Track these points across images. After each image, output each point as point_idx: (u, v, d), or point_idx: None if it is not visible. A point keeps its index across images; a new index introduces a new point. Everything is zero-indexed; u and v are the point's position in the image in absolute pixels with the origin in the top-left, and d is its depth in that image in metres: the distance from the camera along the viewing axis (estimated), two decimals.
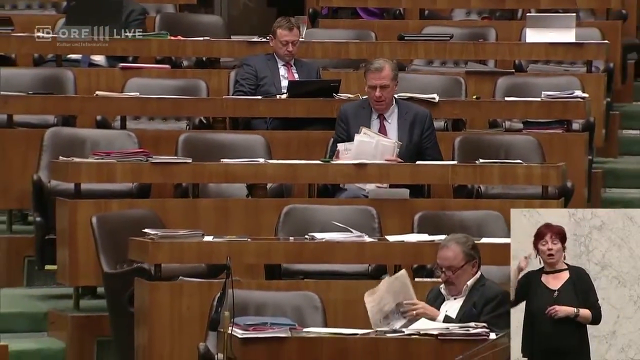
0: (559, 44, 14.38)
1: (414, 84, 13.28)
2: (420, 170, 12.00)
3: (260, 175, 12.12)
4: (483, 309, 9.34)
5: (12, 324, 11.47)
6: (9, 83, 13.33)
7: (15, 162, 12.54)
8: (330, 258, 10.62)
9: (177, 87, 13.67)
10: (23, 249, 12.37)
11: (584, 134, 13.12)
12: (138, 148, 12.37)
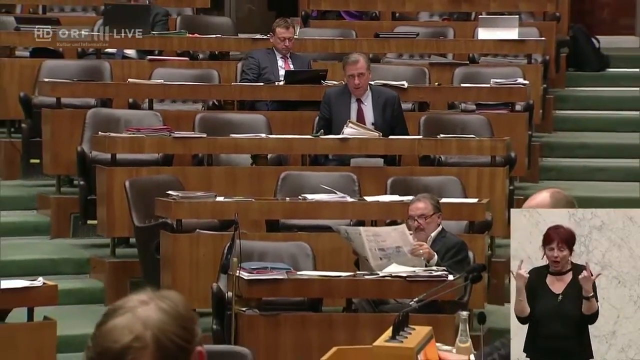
0: (504, 41, 14.39)
1: (387, 73, 13.29)
2: (392, 144, 12.02)
3: (262, 147, 12.15)
4: (444, 255, 9.39)
5: (61, 267, 11.49)
6: (57, 72, 13.32)
7: (62, 136, 12.52)
8: (319, 215, 10.68)
9: (194, 75, 13.66)
10: (70, 207, 12.36)
11: (525, 114, 13.14)
12: (162, 125, 12.37)
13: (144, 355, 2.45)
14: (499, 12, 15.05)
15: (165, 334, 2.48)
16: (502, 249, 11.65)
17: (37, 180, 13.10)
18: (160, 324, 2.49)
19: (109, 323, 2.48)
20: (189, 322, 2.55)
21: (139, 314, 2.50)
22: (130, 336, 2.45)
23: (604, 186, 13.11)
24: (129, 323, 2.48)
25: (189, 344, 2.53)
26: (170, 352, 2.48)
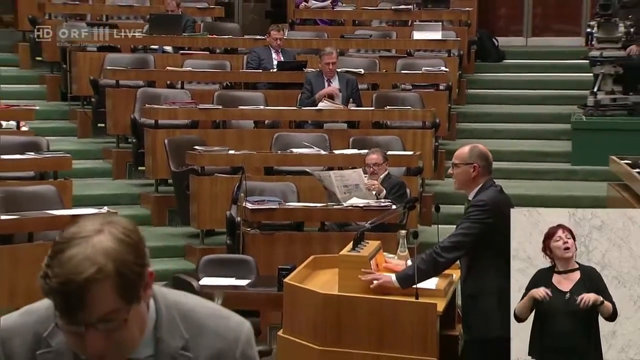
0: (432, 40, 14.37)
1: (349, 63, 13.25)
2: (352, 113, 12.01)
3: (261, 115, 12.12)
4: (390, 191, 9.39)
5: (120, 200, 11.43)
6: (116, 62, 13.25)
7: (120, 107, 12.45)
8: (301, 163, 10.60)
9: (213, 64, 13.57)
10: (126, 158, 12.31)
11: (445, 92, 13.10)
12: (191, 100, 12.33)
13: (106, 285, 2.05)
14: (428, 20, 14.98)
15: (125, 264, 2.09)
16: (430, 186, 11.68)
17: (103, 139, 13.03)
18: (120, 254, 2.09)
19: (67, 252, 2.07)
20: (141, 247, 2.16)
21: (97, 244, 2.08)
22: (93, 268, 2.04)
23: (502, 143, 13.09)
24: (90, 254, 2.06)
25: (144, 268, 2.15)
26: (130, 280, 2.10)
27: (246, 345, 2.30)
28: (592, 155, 12.02)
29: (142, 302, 2.16)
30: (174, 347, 2.22)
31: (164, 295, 2.27)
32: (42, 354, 2.20)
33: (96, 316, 2.05)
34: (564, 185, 12.30)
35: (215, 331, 2.26)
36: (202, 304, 2.34)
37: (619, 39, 12.88)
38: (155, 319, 2.23)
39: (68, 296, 2.04)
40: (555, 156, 13.04)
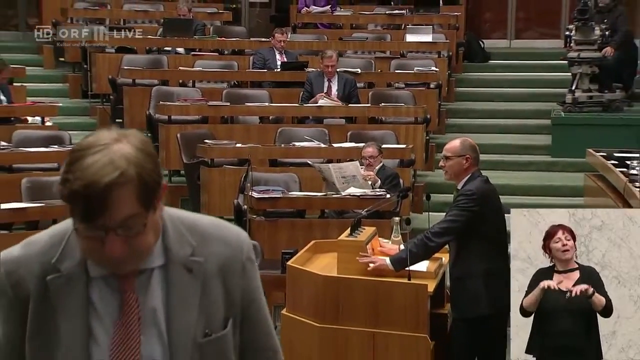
0: (423, 42, 14.34)
1: (347, 64, 13.19)
2: (350, 109, 11.95)
3: (266, 112, 12.04)
4: (384, 182, 9.37)
5: None
6: (132, 62, 13.23)
7: (136, 105, 12.43)
8: (303, 155, 10.58)
9: (222, 65, 13.55)
10: None
11: (436, 90, 13.07)
12: (201, 97, 12.31)
13: (128, 190, 1.99)
14: (420, 24, 14.96)
15: (145, 171, 2.03)
16: (421, 177, 11.65)
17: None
18: (140, 161, 2.02)
19: (88, 159, 1.98)
20: (155, 158, 2.10)
21: (118, 151, 2.00)
22: (116, 172, 1.96)
23: (488, 137, 13.06)
24: (112, 159, 1.98)
25: (159, 178, 2.09)
26: (150, 186, 2.04)
27: (249, 250, 2.28)
28: (570, 148, 12.01)
29: (157, 211, 2.11)
30: (183, 254, 2.17)
31: (166, 209, 2.22)
32: (53, 279, 2.12)
33: (117, 220, 1.99)
34: (544, 175, 12.30)
35: (220, 238, 2.23)
36: (201, 217, 2.31)
37: (595, 41, 12.91)
38: (163, 230, 2.17)
39: (90, 199, 1.96)
40: (536, 149, 13.02)
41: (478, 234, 5.85)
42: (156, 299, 2.15)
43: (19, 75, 12.64)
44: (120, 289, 2.12)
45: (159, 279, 2.16)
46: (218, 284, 2.20)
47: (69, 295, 2.11)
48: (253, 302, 2.29)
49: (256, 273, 2.31)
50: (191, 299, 2.15)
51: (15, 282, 2.14)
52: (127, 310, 2.11)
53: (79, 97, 14.04)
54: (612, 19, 13.46)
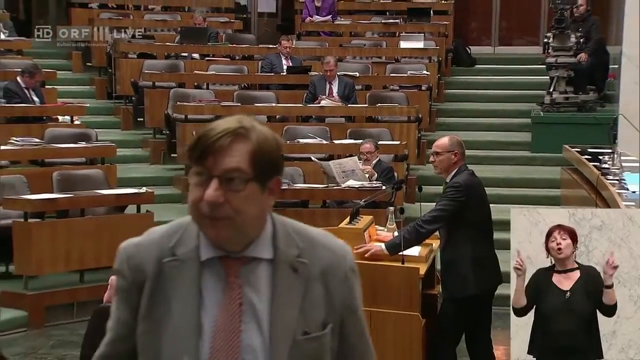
0: (415, 49, 14.34)
1: (347, 68, 13.18)
2: (349, 109, 11.98)
3: (273, 111, 12.04)
4: (380, 175, 9.36)
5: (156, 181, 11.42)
6: (153, 67, 13.22)
7: (156, 105, 12.41)
8: (306, 151, 10.60)
9: (233, 69, 13.55)
10: (161, 146, 12.26)
11: (427, 92, 13.06)
12: (214, 98, 12.32)
13: (243, 144, 1.96)
14: (412, 32, 14.93)
15: (266, 142, 1.99)
16: (413, 170, 11.62)
17: (142, 131, 13.00)
18: (266, 135, 2.00)
19: (218, 120, 2.03)
20: (280, 151, 2.06)
21: (248, 120, 2.02)
22: (239, 124, 1.97)
23: (474, 134, 13.07)
24: (238, 119, 2.00)
25: (276, 164, 2.03)
26: (263, 156, 1.98)
27: (353, 263, 2.15)
28: (548, 144, 12.00)
29: (265, 195, 2.02)
30: (290, 254, 2.06)
31: (277, 215, 2.12)
32: (169, 262, 2.05)
33: (223, 166, 1.94)
34: (525, 169, 12.32)
35: (326, 245, 2.12)
36: (310, 226, 2.19)
37: (570, 47, 12.94)
38: (273, 229, 2.08)
39: (206, 141, 1.95)
40: (517, 145, 13.02)
41: (465, 222, 5.86)
42: (259, 291, 2.05)
43: (51, 78, 12.64)
44: (226, 274, 2.05)
45: (264, 272, 2.06)
46: (320, 287, 2.08)
47: (182, 278, 2.04)
48: (352, 314, 2.15)
49: (358, 286, 2.17)
50: (294, 297, 2.05)
51: (134, 266, 2.10)
52: (230, 295, 2.03)
53: (104, 98, 14.01)
54: (586, 28, 13.49)
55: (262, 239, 2.06)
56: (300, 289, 2.06)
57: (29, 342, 8.07)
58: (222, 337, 2.02)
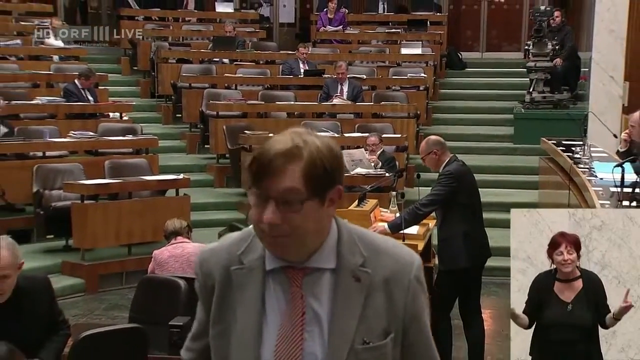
0: (414, 54, 14.27)
1: (355, 71, 13.13)
2: (358, 107, 11.95)
3: (293, 108, 12.03)
4: (383, 164, 9.34)
5: (191, 169, 11.44)
6: (189, 70, 13.22)
7: (192, 103, 12.42)
8: None
9: (258, 72, 13.51)
10: (196, 139, 12.27)
11: (424, 91, 13.03)
12: (242, 97, 12.29)
13: (296, 164, 1.73)
14: (412, 40, 14.86)
15: (318, 155, 1.74)
16: (412, 159, 11.53)
17: (180, 125, 12.98)
18: (319, 148, 1.76)
19: (280, 135, 1.81)
20: (340, 161, 1.81)
21: (304, 136, 1.79)
22: (292, 143, 1.74)
23: (464, 128, 13.10)
24: (294, 137, 1.77)
25: (333, 175, 1.77)
26: (317, 171, 1.74)
27: (419, 272, 1.89)
28: (528, 137, 11.93)
29: (324, 208, 1.79)
30: (353, 263, 1.83)
31: (345, 222, 1.90)
32: (236, 270, 1.88)
33: (276, 189, 1.73)
34: (508, 158, 12.26)
35: (391, 253, 1.87)
36: (378, 235, 1.98)
37: (547, 54, 12.95)
38: (337, 237, 1.85)
39: (261, 162, 1.74)
40: (501, 137, 12.96)
41: (457, 205, 5.84)
42: (321, 300, 1.84)
43: (103, 80, 12.65)
44: (289, 284, 1.85)
45: (327, 281, 1.84)
46: (382, 297, 1.84)
47: (248, 286, 1.87)
48: (415, 323, 1.90)
49: (423, 295, 1.90)
50: (354, 306, 1.82)
51: (206, 270, 1.94)
52: (293, 305, 1.84)
53: (148, 97, 14.01)
54: (561, 37, 13.48)
55: (325, 248, 1.84)
56: (361, 298, 1.83)
57: (86, 305, 8.11)
58: (285, 345, 1.84)
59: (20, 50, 13.05)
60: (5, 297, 4.00)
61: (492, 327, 7.15)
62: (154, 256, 6.03)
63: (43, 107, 11.01)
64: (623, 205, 5.25)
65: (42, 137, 9.92)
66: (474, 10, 17.65)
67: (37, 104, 11.04)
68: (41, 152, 9.66)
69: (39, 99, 11.18)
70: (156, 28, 15.24)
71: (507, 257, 7.91)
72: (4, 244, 3.98)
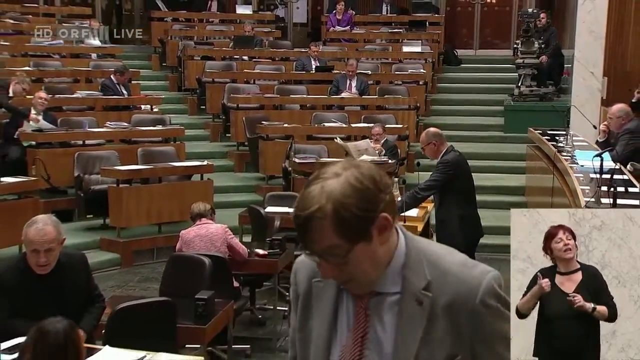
0: (415, 52, 14.16)
1: (362, 67, 12.97)
2: (363, 99, 11.86)
3: (305, 101, 11.93)
4: (386, 151, 9.28)
5: (214, 155, 11.34)
6: (212, 66, 13.11)
7: (215, 95, 12.34)
8: (330, 132, 10.49)
9: (273, 67, 13.43)
10: (219, 128, 12.20)
11: (423, 86, 12.94)
12: (259, 91, 12.22)
13: (324, 223, 1.57)
14: (412, 39, 14.76)
15: (344, 207, 1.56)
16: (413, 147, 11.47)
17: (204, 116, 12.93)
18: (342, 197, 1.57)
19: (307, 189, 1.62)
20: (374, 193, 1.60)
21: (327, 186, 1.59)
22: (314, 207, 1.57)
23: (460, 118, 13.01)
24: (316, 194, 1.59)
25: (370, 213, 1.58)
26: (348, 221, 1.57)
27: (487, 294, 1.65)
28: (517, 127, 11.85)
29: (374, 243, 1.62)
30: (417, 286, 1.66)
31: (416, 240, 1.72)
32: (316, 282, 1.77)
33: (318, 248, 1.60)
34: (498, 146, 12.17)
35: (457, 276, 1.66)
36: (450, 253, 1.74)
37: (534, 52, 12.84)
38: (404, 259, 1.68)
39: (297, 227, 1.61)
40: (493, 127, 12.86)
41: (453, 190, 5.83)
42: (384, 322, 1.69)
43: (135, 76, 12.61)
44: (356, 304, 1.72)
45: (391, 304, 1.69)
46: (445, 320, 1.65)
47: (323, 299, 1.76)
48: (485, 349, 1.68)
49: (491, 318, 1.67)
50: (416, 330, 1.65)
51: (296, 279, 1.86)
52: (357, 324, 1.71)
53: (175, 90, 13.95)
54: (547, 36, 13.38)
55: (390, 271, 1.68)
56: (423, 321, 1.65)
57: (121, 278, 8.14)
58: None
59: (63, 49, 13.03)
60: (49, 268, 4.06)
61: None
62: (181, 236, 6.03)
63: (83, 101, 11.00)
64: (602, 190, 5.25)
65: (82, 127, 9.92)
66: (468, 11, 17.51)
67: (77, 97, 11.04)
68: (81, 141, 9.66)
69: (79, 93, 11.19)
70: (183, 28, 15.17)
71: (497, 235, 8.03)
72: (50, 222, 4.07)
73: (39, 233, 3.98)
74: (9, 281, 4.03)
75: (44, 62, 12.36)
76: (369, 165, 1.65)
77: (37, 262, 4.01)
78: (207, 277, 5.15)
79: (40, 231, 3.98)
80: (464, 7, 17.63)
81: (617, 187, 5.26)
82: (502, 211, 9.78)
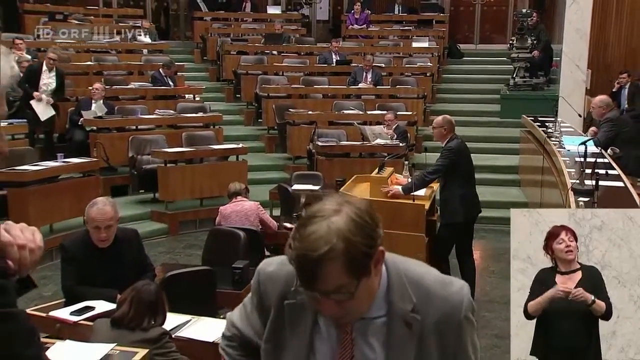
0: (423, 47, 13.99)
1: (376, 61, 12.80)
2: (378, 90, 11.74)
3: (327, 91, 11.82)
4: (398, 135, 9.23)
5: (247, 138, 11.29)
6: (246, 60, 13.06)
7: (249, 85, 12.11)
8: (349, 118, 10.43)
9: (299, 61, 13.33)
10: (252, 114, 11.98)
11: (430, 77, 12.80)
12: (287, 82, 12.15)
13: (336, 263, 1.38)
14: (421, 35, 14.57)
15: (353, 245, 1.38)
16: (421, 131, 11.37)
17: (239, 103, 12.84)
18: (350, 235, 1.38)
19: (308, 228, 1.39)
20: (373, 228, 1.43)
21: (332, 224, 1.39)
22: (326, 247, 1.36)
23: (462, 105, 12.86)
24: (325, 234, 1.38)
25: (372, 249, 1.42)
26: (357, 259, 1.39)
27: (468, 309, 1.56)
28: (512, 113, 11.70)
29: (373, 275, 1.46)
30: (404, 309, 1.52)
31: (395, 263, 1.56)
32: (289, 304, 1.57)
33: (327, 289, 1.40)
34: (496, 130, 12.03)
35: (441, 296, 1.54)
36: (428, 272, 1.58)
37: (527, 47, 12.72)
38: (387, 284, 1.53)
39: (304, 269, 1.40)
40: (490, 113, 12.69)
41: (456, 173, 5.80)
42: (372, 345, 1.54)
43: (180, 69, 12.58)
44: (340, 330, 1.56)
45: (378, 327, 1.54)
46: (434, 340, 1.54)
47: (300, 321, 1.57)
48: (460, 354, 1.59)
49: (470, 329, 1.58)
50: (407, 352, 1.53)
51: (262, 292, 1.65)
52: (343, 350, 1.55)
53: (215, 81, 13.88)
54: (537, 33, 13.20)
55: (376, 298, 1.53)
56: (413, 344, 1.53)
57: (169, 245, 8.18)
58: None
59: (119, 45, 13.00)
60: (108, 242, 4.11)
61: (480, 265, 7.11)
62: (220, 211, 6.04)
63: (135, 91, 11.00)
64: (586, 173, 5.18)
65: (135, 114, 9.93)
66: (469, 11, 17.23)
67: (131, 88, 11.04)
68: (134, 126, 9.69)
69: (132, 84, 11.18)
70: (221, 27, 15.06)
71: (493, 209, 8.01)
72: (108, 202, 4.13)
73: (100, 212, 4.03)
74: (76, 253, 4.10)
75: (103, 57, 12.37)
76: (359, 200, 1.48)
77: (98, 237, 4.06)
78: (242, 248, 5.17)
79: (100, 210, 4.03)
80: (466, 6, 17.36)
81: (599, 171, 5.19)
82: (498, 187, 9.75)
